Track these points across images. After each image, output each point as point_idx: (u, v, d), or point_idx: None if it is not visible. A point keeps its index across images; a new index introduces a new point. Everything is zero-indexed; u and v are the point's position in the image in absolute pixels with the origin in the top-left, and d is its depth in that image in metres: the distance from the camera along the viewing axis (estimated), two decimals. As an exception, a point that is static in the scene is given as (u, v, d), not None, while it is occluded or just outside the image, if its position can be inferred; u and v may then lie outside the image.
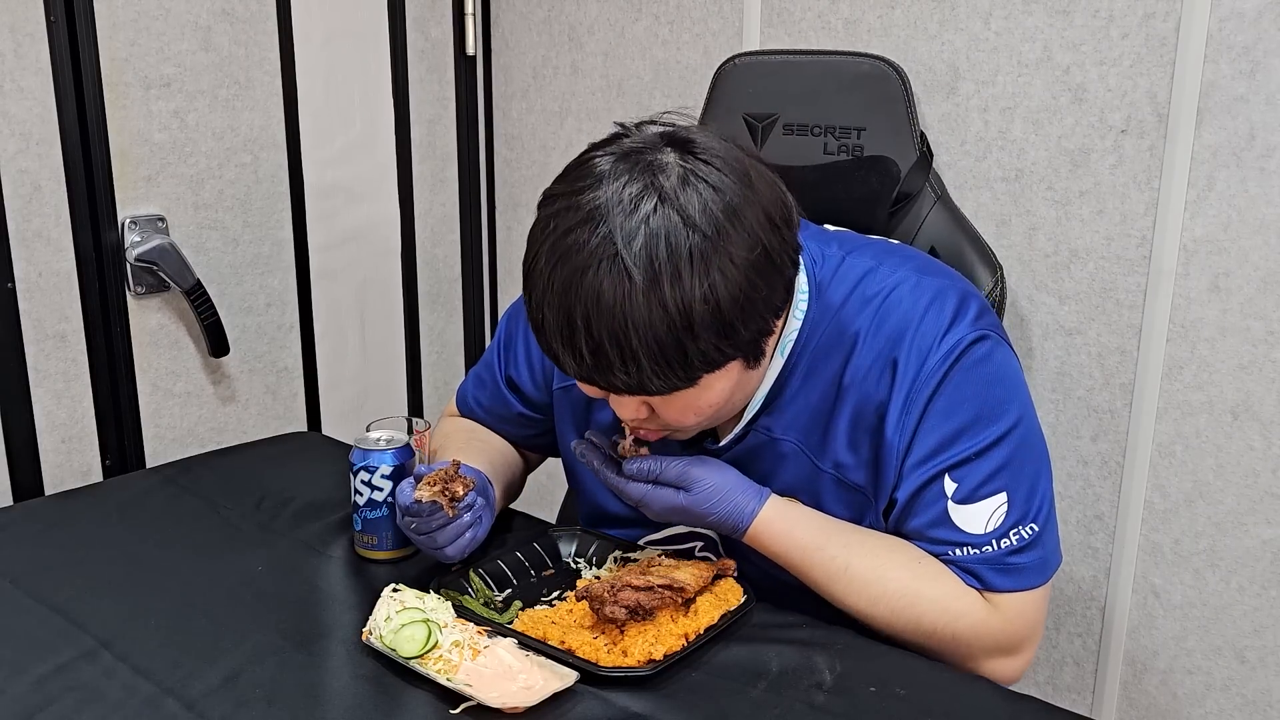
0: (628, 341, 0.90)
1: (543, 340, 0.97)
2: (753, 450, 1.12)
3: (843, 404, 1.07)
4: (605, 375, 0.94)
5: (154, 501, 1.34)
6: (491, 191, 2.16)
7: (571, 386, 1.22)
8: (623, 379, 0.93)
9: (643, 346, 0.90)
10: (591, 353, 0.92)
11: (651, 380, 0.93)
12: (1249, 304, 1.30)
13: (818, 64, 1.47)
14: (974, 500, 1.03)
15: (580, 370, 0.95)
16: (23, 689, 0.94)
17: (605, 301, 0.90)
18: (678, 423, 1.02)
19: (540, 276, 0.95)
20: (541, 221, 0.97)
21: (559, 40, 1.97)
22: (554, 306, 0.93)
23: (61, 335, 1.64)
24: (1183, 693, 1.44)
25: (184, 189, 1.73)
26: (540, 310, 0.95)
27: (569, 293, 0.91)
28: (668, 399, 0.98)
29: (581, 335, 0.91)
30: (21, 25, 1.54)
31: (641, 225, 0.90)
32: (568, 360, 0.95)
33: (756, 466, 1.11)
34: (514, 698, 0.91)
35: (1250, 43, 1.25)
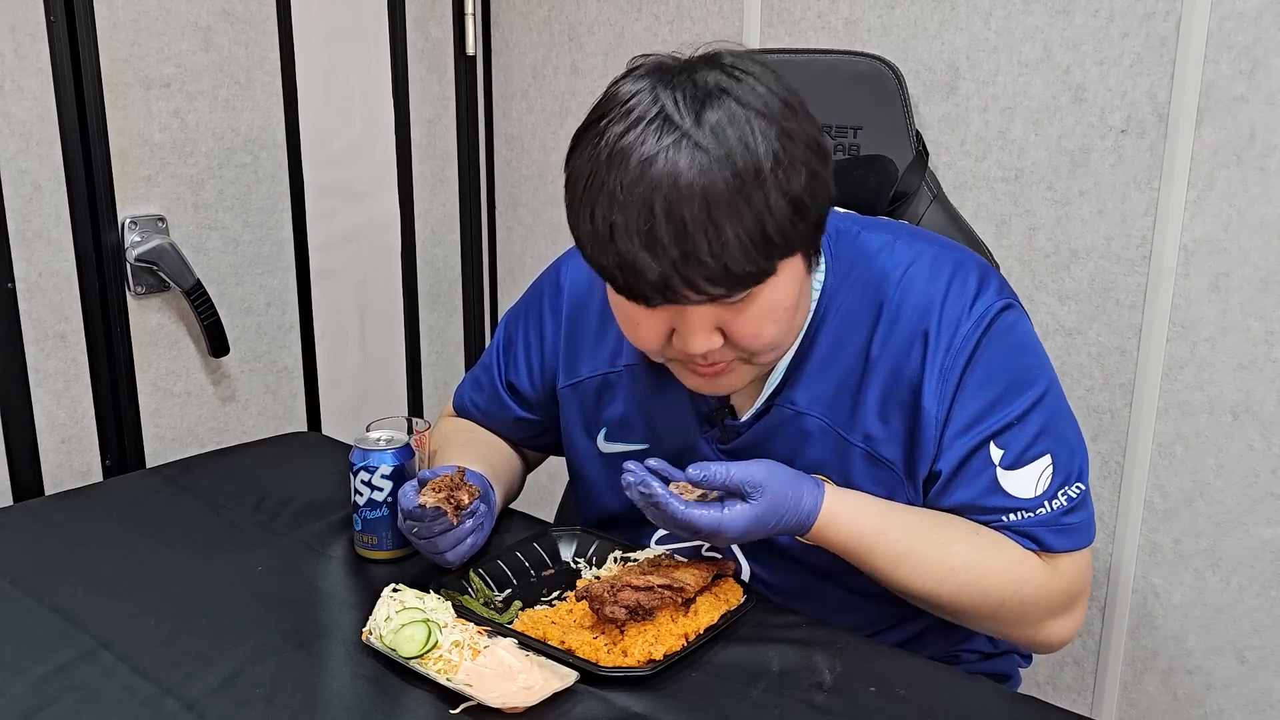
0: (711, 218, 0.89)
1: (610, 252, 0.92)
2: (776, 427, 1.10)
3: (871, 377, 1.06)
4: (688, 266, 0.90)
5: (154, 501, 1.34)
6: (491, 191, 2.16)
7: (580, 383, 1.21)
8: (709, 264, 0.90)
9: (726, 219, 0.89)
10: (675, 238, 0.89)
11: (736, 259, 0.90)
12: (1249, 304, 1.30)
13: (813, 63, 1.47)
14: (1021, 465, 1.04)
15: (661, 267, 0.90)
16: (22, 689, 0.94)
17: (684, 180, 0.88)
18: (753, 340, 0.98)
19: (602, 184, 0.91)
20: (587, 143, 0.94)
21: (559, 40, 1.97)
22: (626, 204, 0.90)
23: (61, 335, 1.64)
24: (1183, 693, 1.44)
25: (184, 189, 1.73)
26: (608, 220, 0.91)
27: (642, 183, 0.89)
28: (741, 309, 0.96)
29: (662, 224, 0.89)
30: (21, 25, 1.54)
31: (703, 109, 0.90)
32: (646, 261, 0.90)
33: (781, 444, 1.10)
34: (514, 698, 0.91)
35: (1250, 42, 1.25)
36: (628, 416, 1.19)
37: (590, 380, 1.21)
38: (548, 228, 2.08)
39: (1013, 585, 1.03)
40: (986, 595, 1.03)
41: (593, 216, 0.93)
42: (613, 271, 0.94)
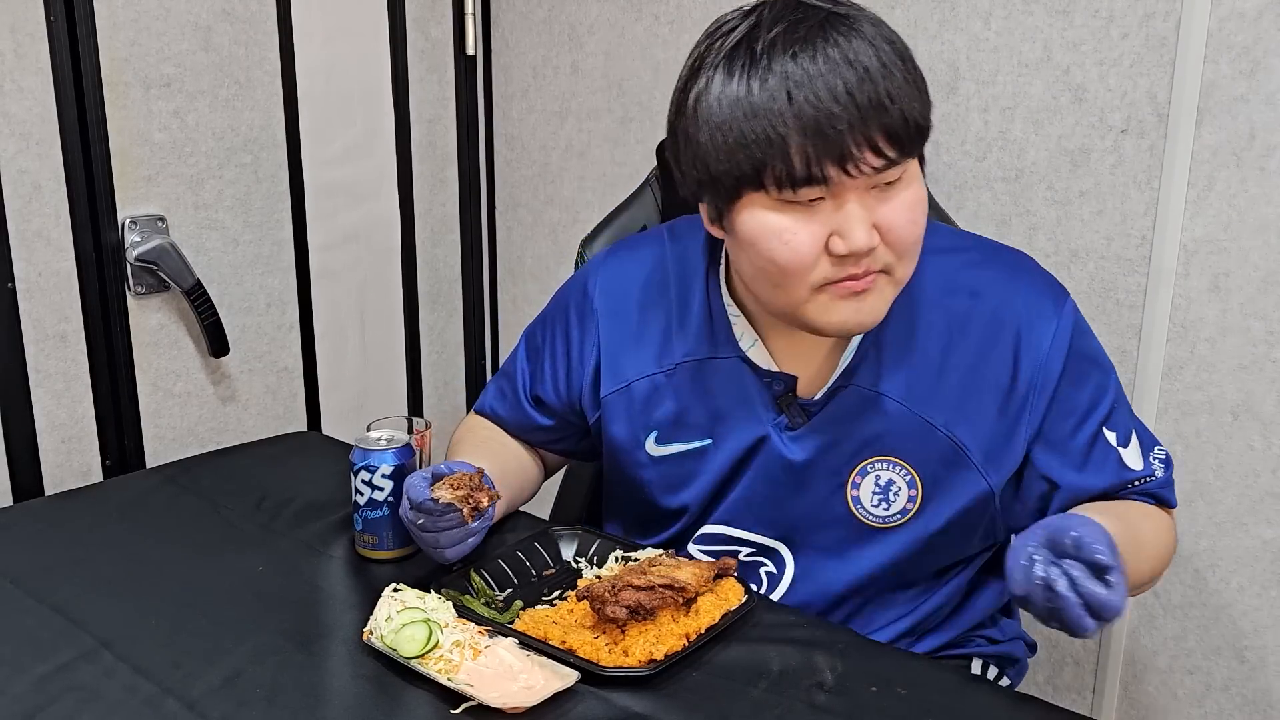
0: (887, 68, 0.94)
1: (788, 116, 0.94)
2: (850, 407, 1.10)
3: (952, 365, 1.08)
4: (875, 114, 0.93)
5: (154, 501, 1.34)
6: (491, 191, 2.16)
7: (629, 387, 1.19)
8: (891, 111, 0.94)
9: (899, 70, 0.95)
10: (859, 85, 0.93)
11: (913, 107, 0.95)
12: (1249, 304, 1.30)
13: None
14: (1128, 442, 1.11)
15: (849, 117, 0.93)
16: (23, 689, 0.94)
17: (854, 43, 0.94)
18: (908, 228, 0.99)
19: (768, 64, 0.95)
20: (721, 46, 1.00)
21: (559, 40, 1.97)
22: (806, 63, 0.93)
23: (61, 335, 1.64)
24: (1183, 693, 1.44)
25: (184, 189, 1.73)
26: (784, 86, 0.94)
27: (816, 41, 0.94)
28: (893, 196, 0.98)
29: (845, 72, 0.93)
30: (21, 25, 1.54)
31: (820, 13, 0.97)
32: (833, 113, 0.93)
33: (855, 424, 1.10)
34: (515, 698, 0.91)
35: (1250, 42, 1.25)
36: (683, 415, 1.17)
37: (639, 383, 1.18)
38: (548, 228, 2.08)
39: (1170, 547, 1.13)
40: (1162, 560, 1.12)
41: (763, 83, 0.95)
42: (779, 156, 0.94)
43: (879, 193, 0.98)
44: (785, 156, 0.94)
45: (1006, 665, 1.23)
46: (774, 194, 0.97)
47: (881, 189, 0.98)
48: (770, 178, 0.95)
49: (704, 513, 1.19)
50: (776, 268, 1.00)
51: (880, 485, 1.11)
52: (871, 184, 0.97)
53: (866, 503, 1.12)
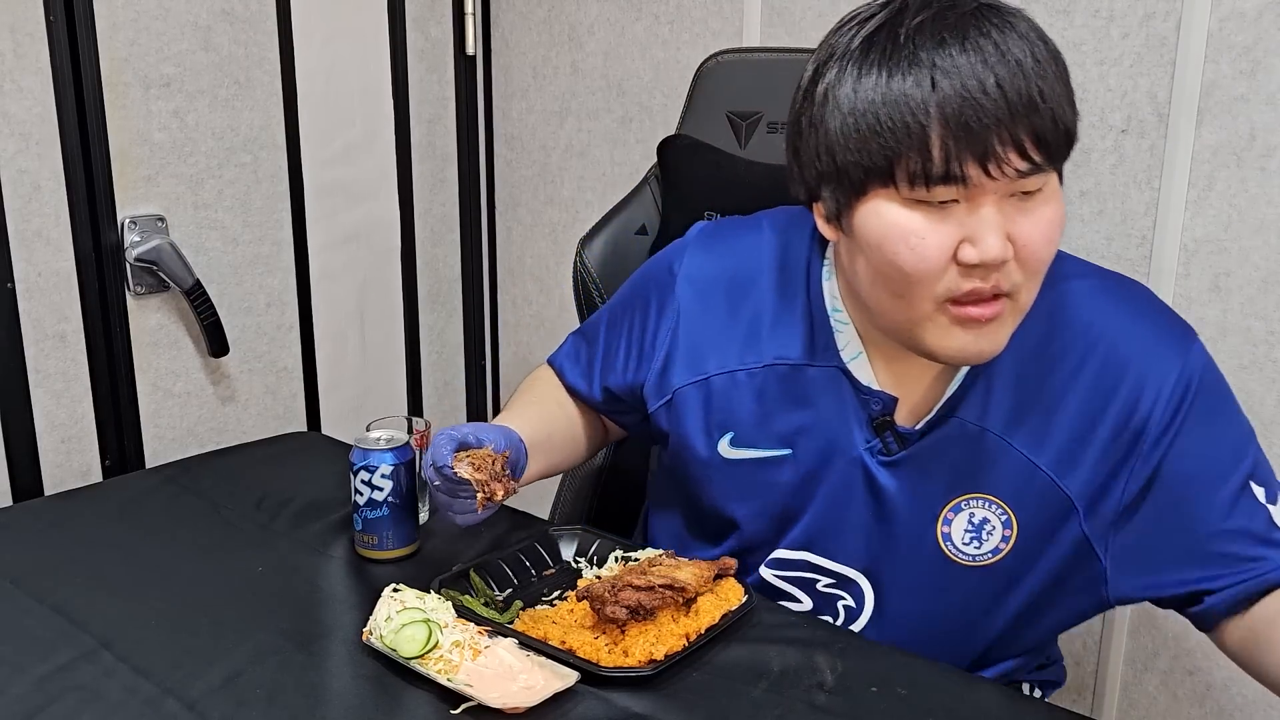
0: (1041, 66, 0.88)
1: (931, 105, 0.87)
2: (951, 440, 1.02)
3: (1060, 407, 1.00)
4: (1024, 111, 0.87)
5: (154, 502, 1.34)
6: (491, 192, 2.16)
7: (707, 380, 1.11)
8: (1042, 111, 0.87)
9: (1052, 71, 0.88)
10: (1011, 78, 0.86)
11: (1064, 111, 0.89)
12: (1250, 304, 1.30)
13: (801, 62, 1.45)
14: (1276, 499, 0.99)
15: (997, 110, 0.86)
16: (23, 689, 0.94)
17: (1017, 27, 0.89)
18: (1043, 244, 0.92)
19: (913, 51, 0.88)
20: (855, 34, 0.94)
21: (559, 40, 1.97)
22: (954, 52, 0.87)
23: (61, 335, 1.64)
24: (1183, 693, 1.44)
25: (184, 189, 1.73)
26: (929, 74, 0.87)
27: (968, 30, 0.88)
28: (1031, 209, 0.91)
29: (998, 64, 0.87)
30: (21, 25, 1.54)
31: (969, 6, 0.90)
32: (980, 101, 0.86)
33: (953, 460, 1.03)
34: (515, 698, 0.91)
35: (1251, 42, 1.25)
36: (765, 419, 1.09)
37: (719, 378, 1.10)
38: (548, 228, 2.08)
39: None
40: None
41: (908, 74, 0.88)
42: (917, 148, 0.88)
43: (1018, 202, 0.91)
44: (924, 148, 0.87)
45: (1047, 687, 1.19)
46: (905, 191, 0.89)
47: (1020, 199, 0.91)
48: (903, 171, 0.88)
49: (775, 532, 1.11)
50: (900, 274, 0.92)
51: (974, 523, 1.03)
52: (1011, 191, 0.90)
53: (957, 539, 1.04)
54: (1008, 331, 0.95)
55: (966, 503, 1.03)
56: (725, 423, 1.10)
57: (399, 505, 1.16)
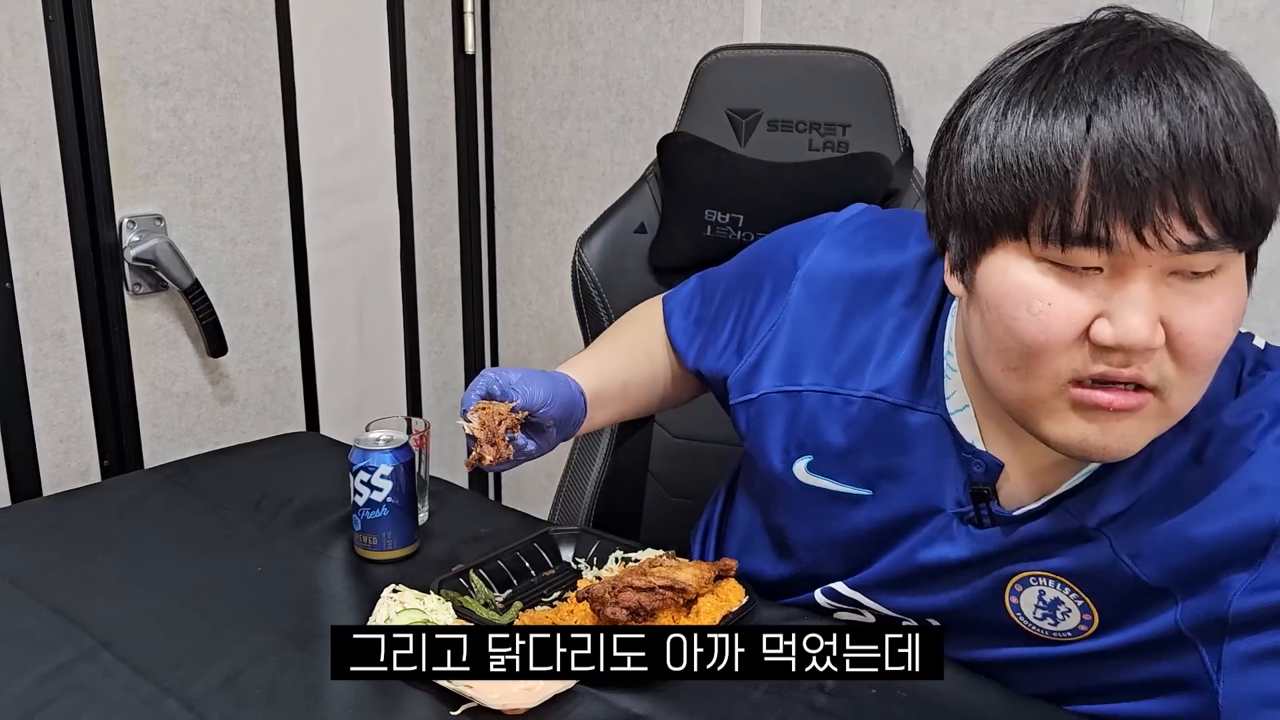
0: (1249, 111, 0.73)
1: (1081, 148, 0.73)
2: (1051, 534, 0.89)
3: (1183, 526, 0.84)
4: (1201, 169, 0.71)
5: (153, 502, 1.33)
6: (491, 191, 2.16)
7: (800, 393, 1.01)
8: (1225, 173, 0.71)
9: (1248, 131, 0.72)
10: (1189, 129, 0.71)
11: (1254, 180, 0.72)
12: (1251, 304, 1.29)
13: (801, 59, 1.46)
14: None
15: (1162, 163, 0.71)
16: (23, 689, 0.94)
17: (1211, 72, 0.73)
18: (1208, 340, 0.76)
19: (1072, 84, 0.74)
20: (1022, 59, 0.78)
21: (558, 39, 1.97)
22: (1124, 90, 0.72)
23: (59, 335, 1.64)
24: (1183, 693, 1.43)
25: (182, 188, 1.73)
26: (1085, 111, 0.73)
27: (1146, 67, 0.72)
28: (1199, 297, 0.75)
29: (1174, 113, 0.71)
30: (19, 24, 1.53)
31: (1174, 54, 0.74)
32: (1142, 148, 0.71)
33: (1047, 552, 0.90)
34: (514, 698, 0.90)
35: (1252, 42, 1.25)
36: (850, 453, 0.99)
37: (812, 395, 1.00)
38: (547, 228, 2.08)
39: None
40: None
41: (1041, 120, 0.74)
42: (1057, 197, 0.73)
43: (1181, 283, 0.75)
44: (1065, 199, 0.73)
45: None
46: (1038, 247, 0.76)
47: (1186, 279, 0.75)
48: (1039, 223, 0.75)
49: (838, 569, 1.04)
50: (1017, 344, 0.78)
51: (1045, 602, 0.92)
52: (1173, 268, 0.74)
53: (1029, 613, 0.93)
54: (1149, 432, 0.79)
55: (1035, 579, 0.91)
56: (806, 444, 1.01)
57: (398, 506, 1.16)
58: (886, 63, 1.52)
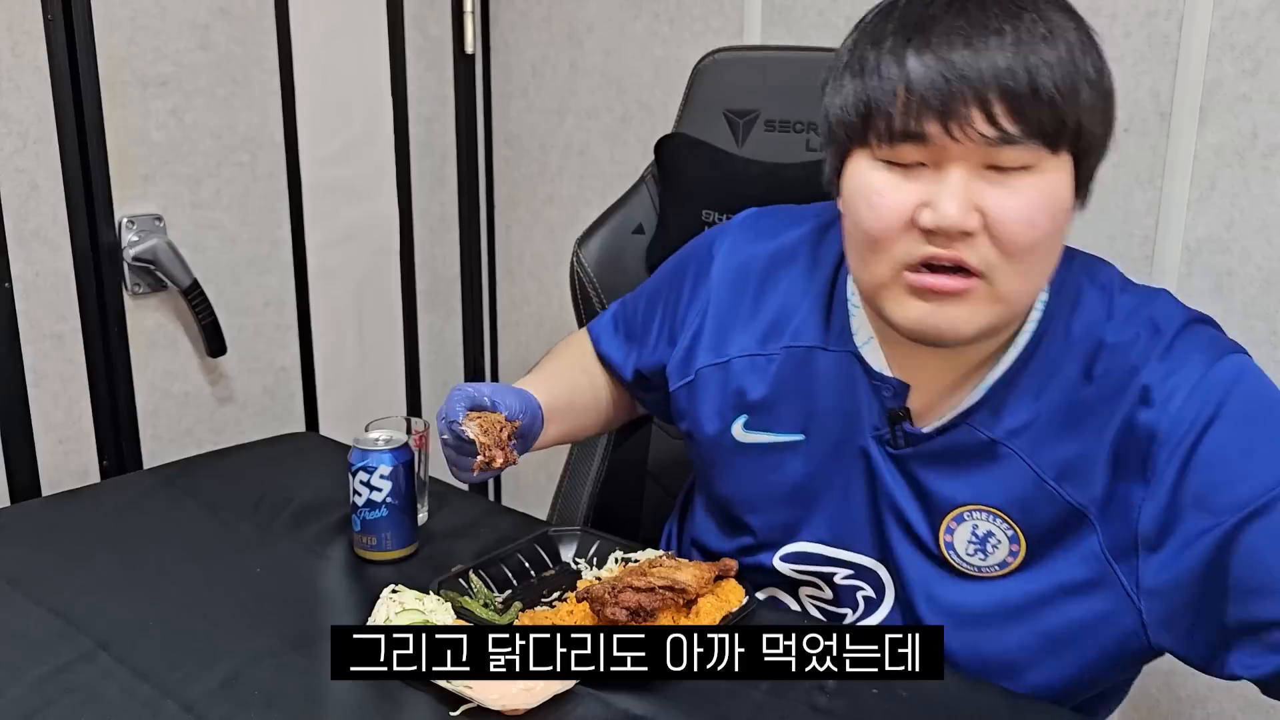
0: (1066, 36, 0.85)
1: (904, 60, 0.86)
2: (961, 448, 0.98)
3: (1085, 421, 0.93)
4: (995, 60, 0.83)
5: (152, 503, 1.33)
6: (490, 190, 2.16)
7: (728, 363, 1.10)
8: (1018, 72, 0.83)
9: (1054, 34, 0.85)
10: (980, 30, 0.84)
11: (1045, 81, 0.83)
12: (1252, 303, 1.30)
13: (798, 60, 1.46)
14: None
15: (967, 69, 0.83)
16: (21, 691, 0.94)
17: (1040, 6, 0.86)
18: (1019, 229, 0.86)
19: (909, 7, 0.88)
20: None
21: (558, 38, 1.96)
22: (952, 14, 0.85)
23: (59, 335, 1.64)
24: (1184, 693, 1.43)
25: (181, 188, 1.73)
26: (913, 31, 0.86)
27: (964, 5, 0.86)
28: (1013, 187, 0.86)
29: (975, 14, 0.85)
30: (19, 24, 1.53)
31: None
32: (948, 57, 0.84)
33: (964, 465, 0.98)
34: (514, 699, 0.90)
35: (1253, 41, 1.25)
36: (778, 402, 1.07)
37: (739, 360, 1.09)
38: (547, 227, 2.08)
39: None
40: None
41: (887, 31, 0.88)
42: (886, 103, 0.86)
43: (996, 176, 0.86)
44: (890, 104, 0.86)
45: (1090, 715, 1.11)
46: (876, 149, 0.88)
47: (999, 173, 0.86)
48: (874, 130, 0.88)
49: (789, 522, 1.09)
50: (862, 234, 0.91)
51: (977, 535, 0.98)
52: (985, 161, 0.85)
53: (961, 550, 0.99)
54: (980, 317, 0.89)
55: (971, 514, 0.99)
56: (740, 405, 1.09)
57: (398, 506, 1.16)
58: (887, 62, 1.52)
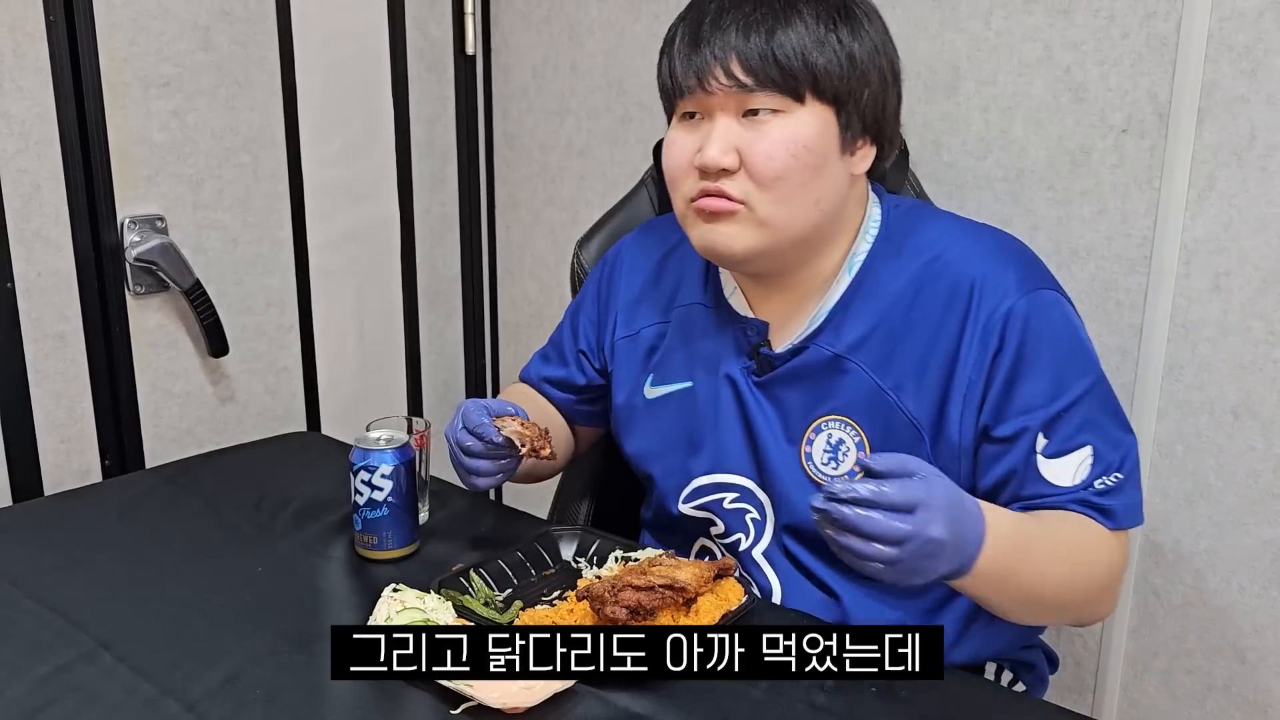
0: (814, 9, 1.03)
1: (674, 41, 1.07)
2: (811, 365, 1.13)
3: (912, 335, 1.09)
4: (738, 38, 1.02)
5: (153, 502, 1.34)
6: (491, 191, 2.16)
7: (638, 334, 1.27)
8: (756, 42, 1.02)
9: (792, 10, 1.03)
10: (751, 8, 1.03)
11: (794, 44, 1.01)
12: (1250, 304, 1.30)
13: None
14: (1062, 454, 1.05)
15: (715, 34, 1.03)
16: (22, 690, 0.94)
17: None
18: (764, 162, 1.04)
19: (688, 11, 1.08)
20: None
21: (559, 39, 1.97)
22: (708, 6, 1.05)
23: (61, 335, 1.64)
24: (1183, 693, 1.44)
25: (183, 188, 1.73)
26: (697, 9, 1.07)
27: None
28: (763, 132, 1.04)
29: (728, 5, 1.04)
30: (20, 24, 1.54)
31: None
32: (701, 24, 1.04)
33: (814, 383, 1.13)
34: (514, 698, 0.91)
35: (1251, 42, 1.25)
36: (672, 356, 1.23)
37: (647, 330, 1.27)
38: (548, 227, 2.08)
39: (1108, 563, 1.05)
40: (1092, 582, 1.04)
41: (683, 22, 1.08)
42: (672, 63, 1.07)
43: (750, 121, 1.04)
44: (671, 69, 1.07)
45: (1021, 670, 1.21)
46: (676, 109, 1.09)
47: (754, 119, 1.04)
48: (667, 94, 1.09)
49: (685, 464, 1.21)
50: (668, 176, 1.11)
51: (831, 444, 1.12)
52: (741, 108, 1.04)
53: (818, 460, 1.13)
54: (748, 235, 1.07)
55: (826, 424, 1.12)
56: (646, 367, 1.26)
57: (399, 505, 1.16)
58: (886, 63, 1.52)
